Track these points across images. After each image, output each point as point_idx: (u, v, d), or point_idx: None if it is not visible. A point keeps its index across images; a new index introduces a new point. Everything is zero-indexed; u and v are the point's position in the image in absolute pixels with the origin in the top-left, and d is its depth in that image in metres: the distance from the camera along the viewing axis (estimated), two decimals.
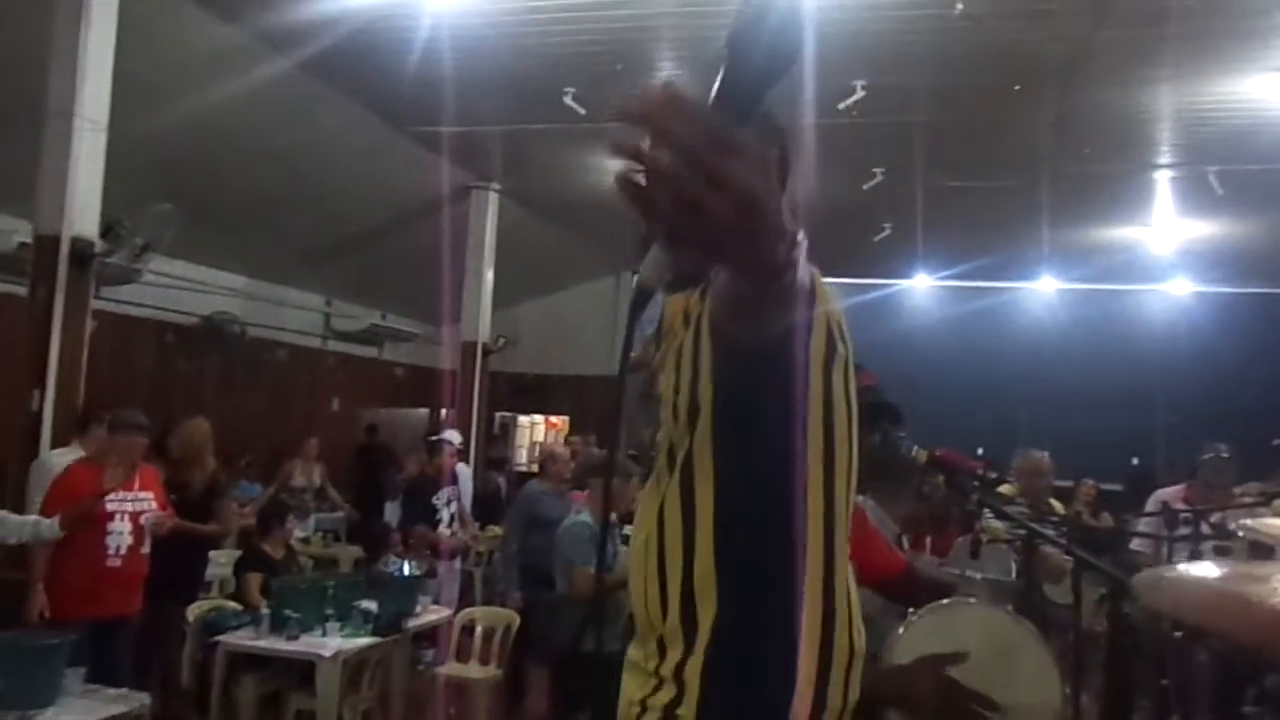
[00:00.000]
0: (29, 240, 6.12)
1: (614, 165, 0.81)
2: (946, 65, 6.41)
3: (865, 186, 8.57)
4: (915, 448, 2.24)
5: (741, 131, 0.83)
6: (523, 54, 6.75)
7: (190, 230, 7.27)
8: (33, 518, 4.41)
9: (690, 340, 1.29)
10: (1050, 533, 2.89)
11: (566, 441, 9.97)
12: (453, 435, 7.56)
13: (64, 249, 5.50)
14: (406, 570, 5.71)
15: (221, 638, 4.78)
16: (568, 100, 7.19)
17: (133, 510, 4.61)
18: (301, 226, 9.47)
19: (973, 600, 2.09)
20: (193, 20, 6.26)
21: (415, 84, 7.05)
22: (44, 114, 5.51)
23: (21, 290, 6.74)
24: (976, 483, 2.30)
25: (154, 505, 4.68)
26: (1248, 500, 4.49)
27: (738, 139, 0.81)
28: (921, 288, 13.03)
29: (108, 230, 5.75)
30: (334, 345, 11.71)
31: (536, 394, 13.52)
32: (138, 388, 8.31)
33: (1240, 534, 2.94)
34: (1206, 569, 1.86)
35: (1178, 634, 2.75)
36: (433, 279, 9.49)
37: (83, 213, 5.58)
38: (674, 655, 1.30)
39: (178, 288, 8.74)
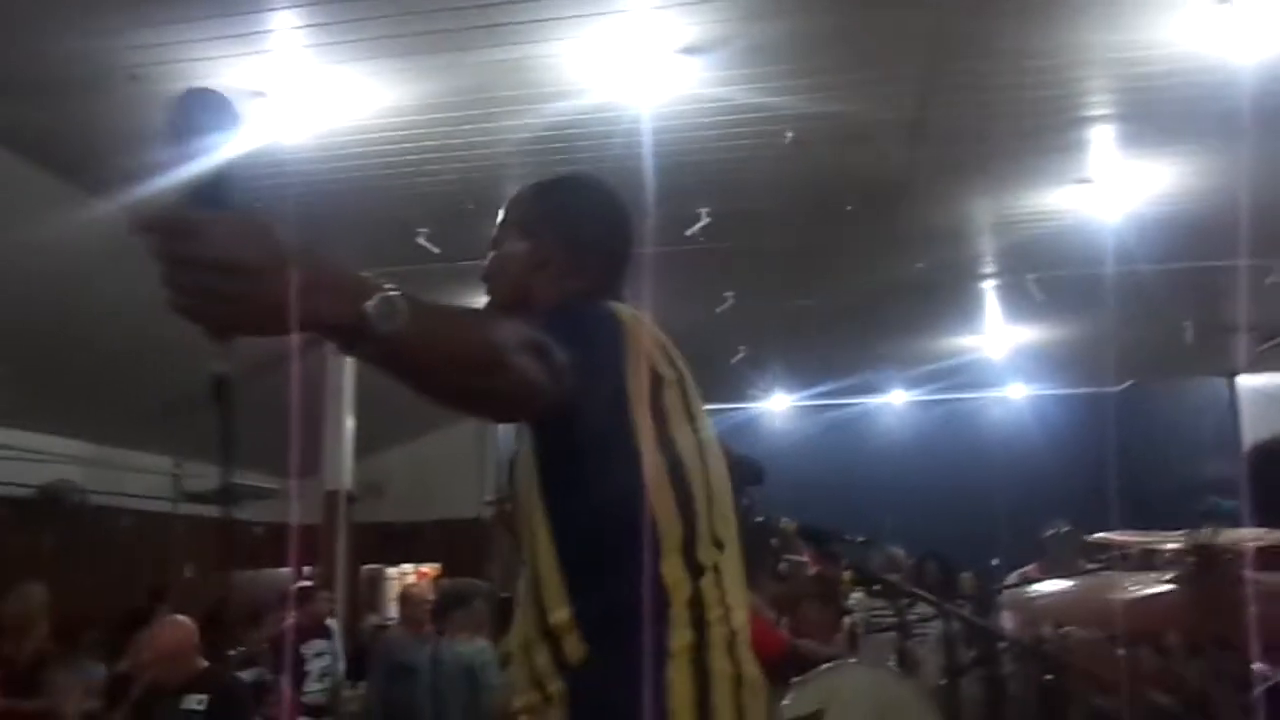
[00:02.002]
0: None
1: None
2: (783, 189, 6.81)
3: (718, 310, 8.87)
4: (781, 517, 2.26)
5: (212, 214, 0.93)
6: (372, 195, 6.82)
7: (25, 396, 6.89)
8: None
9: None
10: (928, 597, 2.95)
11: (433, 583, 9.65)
12: (294, 587, 7.25)
13: None
14: None
15: None
16: (421, 240, 7.27)
17: None
18: (143, 389, 9.09)
19: (854, 661, 2.10)
20: (29, 179, 6.12)
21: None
22: None
23: None
24: (851, 548, 2.33)
25: None
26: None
27: (193, 222, 0.92)
28: (779, 409, 13.40)
29: None
30: (184, 509, 11.10)
31: (405, 543, 13.09)
32: None
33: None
34: (1063, 583, 1.96)
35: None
36: (289, 430, 9.20)
37: None
38: (550, 687, 1.32)
39: (14, 459, 8.22)
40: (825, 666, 2.04)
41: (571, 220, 1.50)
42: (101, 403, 9.04)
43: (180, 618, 3.81)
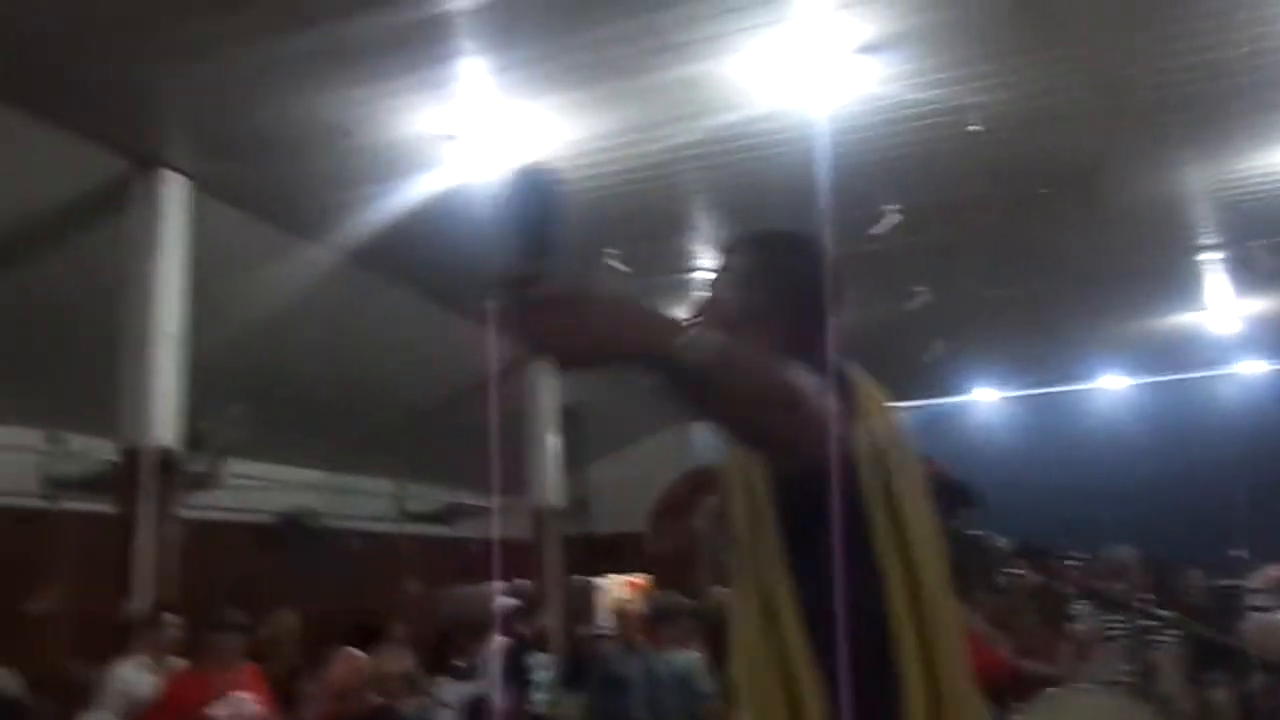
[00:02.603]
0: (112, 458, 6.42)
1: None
2: (972, 180, 6.58)
3: (909, 307, 8.65)
4: (997, 537, 2.20)
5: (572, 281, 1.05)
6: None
7: (268, 430, 7.53)
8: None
9: (745, 477, 1.40)
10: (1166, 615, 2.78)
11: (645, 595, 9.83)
12: (510, 601, 7.54)
13: (149, 460, 5.74)
14: None
15: None
16: (611, 261, 7.46)
17: (239, 714, 4.54)
18: (369, 415, 9.75)
19: (1084, 685, 2.02)
20: (256, 232, 6.70)
21: (459, 261, 7.39)
22: (123, 335, 5.85)
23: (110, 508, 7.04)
24: (1075, 568, 2.24)
25: (255, 707, 4.66)
26: None
27: (537, 274, 1.04)
28: (986, 401, 12.91)
29: (190, 438, 5.98)
30: (409, 528, 11.80)
31: (614, 555, 13.39)
32: (225, 588, 8.42)
33: None
34: None
35: None
36: (500, 452, 9.62)
37: (164, 424, 5.85)
38: None
39: (260, 488, 8.97)
40: (1051, 691, 1.96)
41: (786, 275, 1.54)
42: (331, 433, 9.75)
43: (355, 652, 3.84)
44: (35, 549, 7.93)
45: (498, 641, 7.84)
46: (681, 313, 1.65)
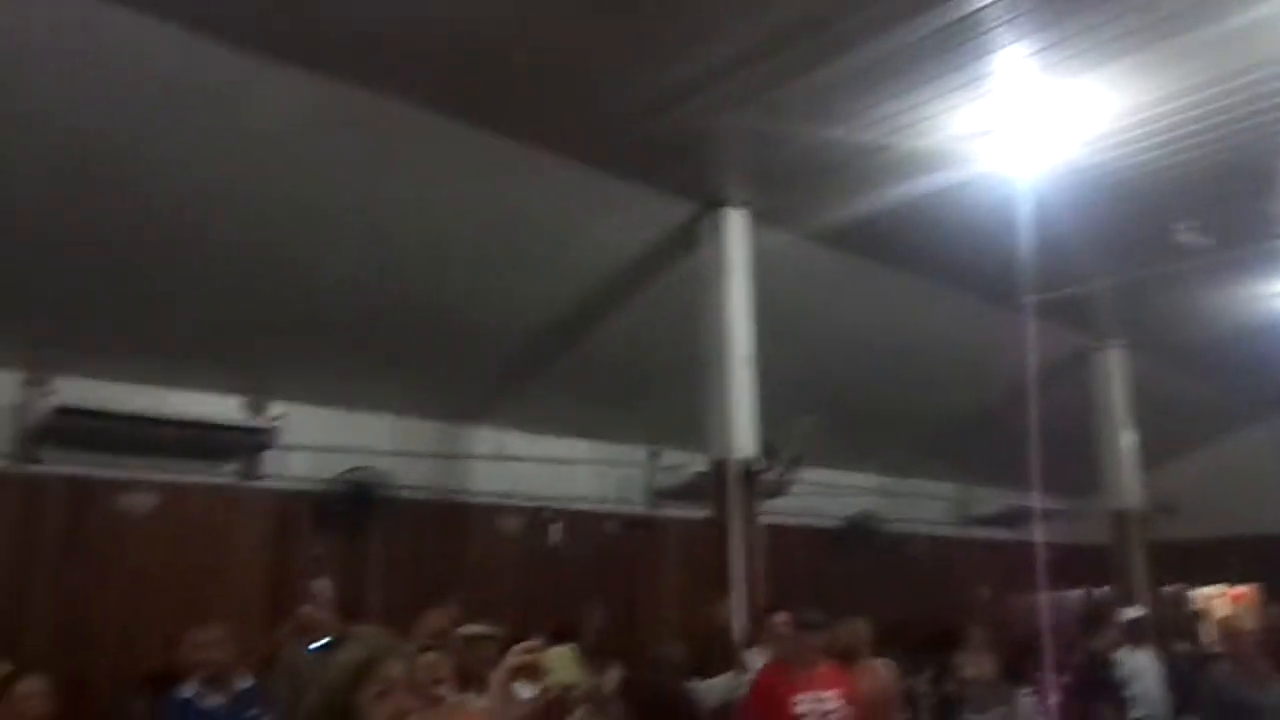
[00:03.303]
0: (703, 470, 7.19)
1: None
2: None
3: None
4: None
5: None
6: (1118, 202, 6.51)
7: (831, 439, 7.96)
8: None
9: None
10: None
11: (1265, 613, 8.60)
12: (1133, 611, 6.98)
13: (732, 471, 6.34)
14: None
15: None
16: (1183, 236, 6.71)
17: (819, 709, 4.77)
18: (926, 420, 9.80)
19: None
20: (810, 253, 7.10)
21: (1008, 254, 7.13)
22: (704, 360, 6.53)
23: (702, 514, 7.88)
24: None
25: (839, 705, 4.90)
26: None
27: None
28: None
29: (766, 450, 6.50)
30: (972, 532, 11.62)
31: (1207, 562, 11.92)
32: (800, 590, 8.97)
33: None
34: None
35: None
36: (1061, 451, 9.11)
37: (744, 438, 6.41)
38: None
39: (824, 494, 9.45)
40: None
41: None
42: (892, 439, 9.96)
43: (880, 662, 3.61)
44: (643, 549, 9.16)
45: (1087, 649, 7.39)
46: None
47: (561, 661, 1.47)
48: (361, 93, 5.05)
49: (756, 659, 5.51)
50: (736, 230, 6.62)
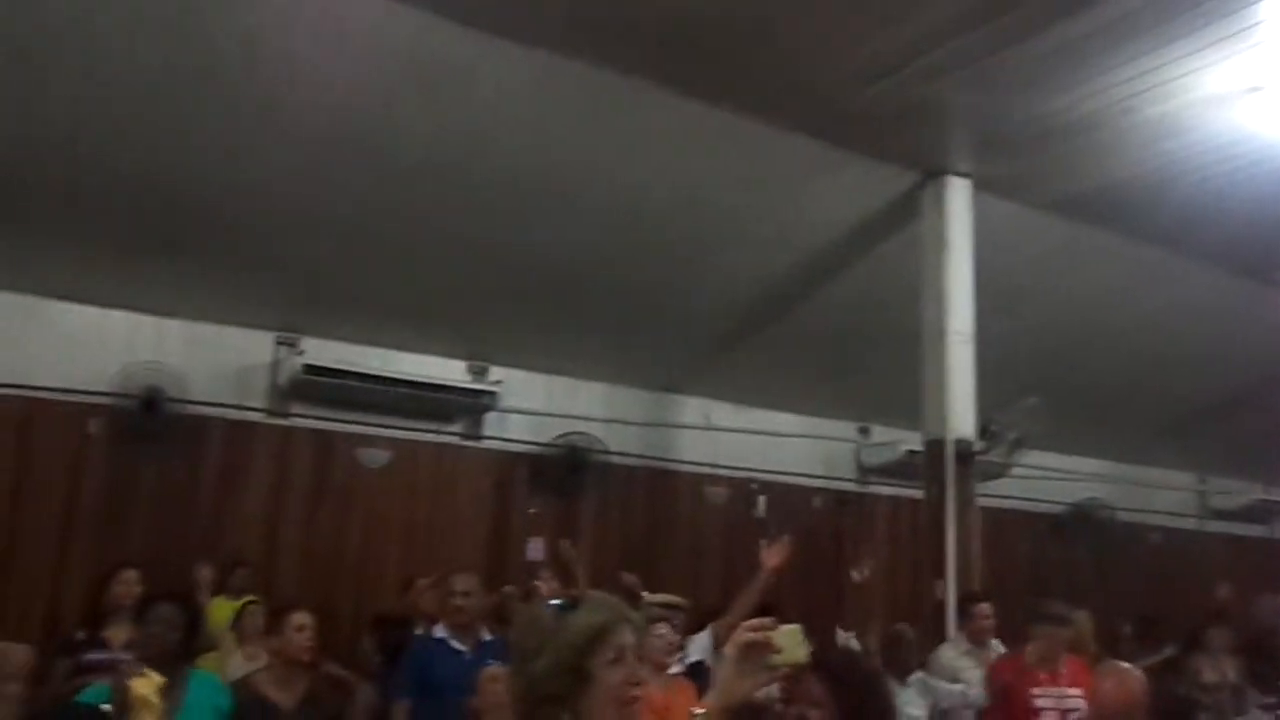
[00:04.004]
0: (915, 448, 6.97)
1: None
2: None
3: None
4: None
5: None
6: None
7: (1055, 421, 7.55)
8: (959, 686, 4.79)
9: None
10: None
11: None
12: None
13: (949, 451, 6.12)
14: None
15: None
16: None
17: (1060, 707, 4.57)
18: (1162, 403, 9.12)
19: None
20: (1037, 223, 6.72)
21: (1267, 229, 6.51)
22: (922, 335, 6.31)
23: (911, 493, 7.66)
24: None
25: (1083, 704, 4.63)
26: None
27: None
28: None
29: (984, 430, 6.23)
30: (1213, 526, 10.75)
31: None
32: (1015, 577, 8.59)
33: None
34: None
35: None
36: None
37: (961, 417, 6.17)
38: None
39: (1045, 477, 8.98)
40: None
41: None
42: (1123, 423, 9.33)
43: (1127, 667, 3.27)
44: (851, 526, 9.02)
45: None
46: None
47: (792, 640, 1.46)
48: (581, 67, 5.17)
49: (952, 648, 5.34)
50: (959, 200, 6.33)
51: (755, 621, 1.46)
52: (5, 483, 6.17)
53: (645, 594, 4.56)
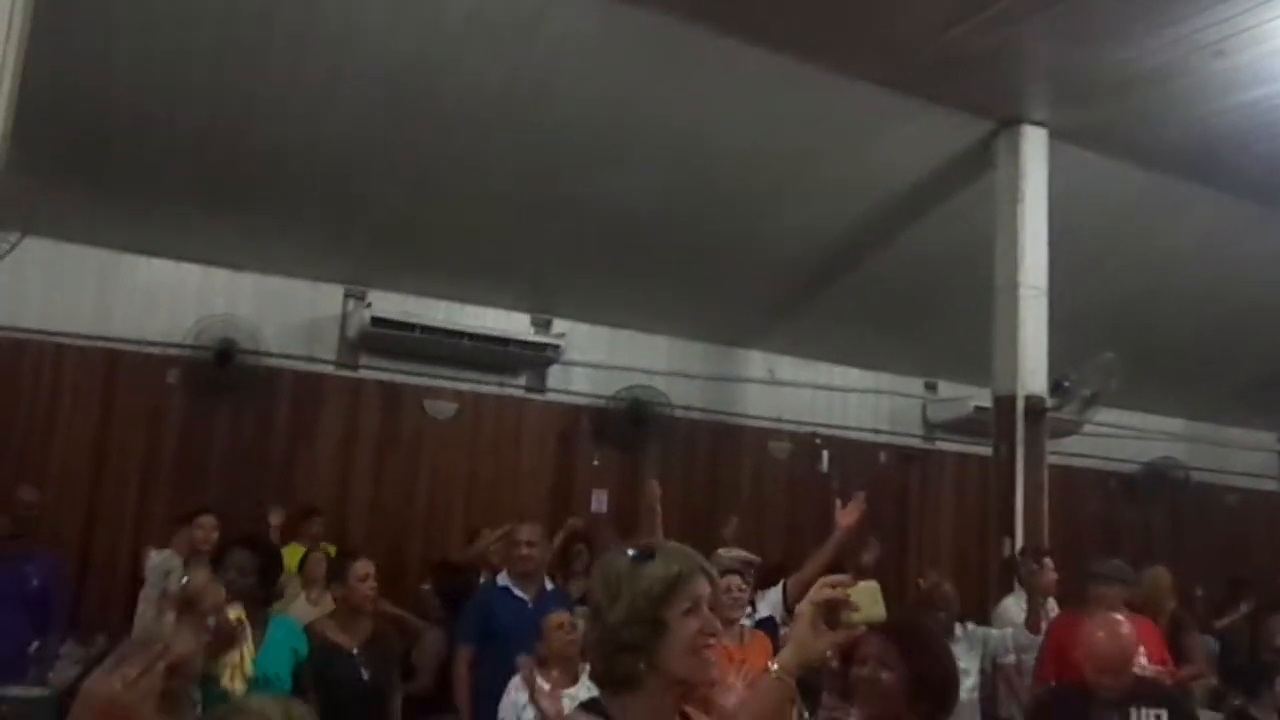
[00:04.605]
0: (982, 404, 6.85)
1: None
2: None
3: None
4: None
5: None
6: None
7: (1129, 378, 7.37)
8: (1009, 630, 4.78)
9: None
10: None
11: None
12: None
13: (1019, 407, 6.00)
14: None
15: None
16: None
17: None
18: (1241, 360, 8.83)
19: None
20: (1115, 174, 6.51)
21: None
22: (993, 289, 6.17)
23: (978, 449, 7.54)
24: None
25: (1144, 663, 4.55)
26: None
27: None
28: None
29: (1056, 386, 6.10)
30: None
31: None
32: (1086, 536, 8.45)
33: None
34: None
35: None
36: None
37: (1033, 373, 6.04)
38: None
39: (1117, 435, 8.78)
40: None
41: None
42: (1201, 380, 9.07)
43: (1120, 618, 3.17)
44: (917, 482, 8.93)
45: None
46: None
47: (869, 598, 1.45)
48: (646, 14, 5.10)
49: (1014, 602, 5.28)
50: (1034, 149, 6.16)
51: (834, 578, 1.44)
52: (90, 431, 6.38)
53: (720, 550, 4.55)
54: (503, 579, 4.61)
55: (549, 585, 4.61)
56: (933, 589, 4.93)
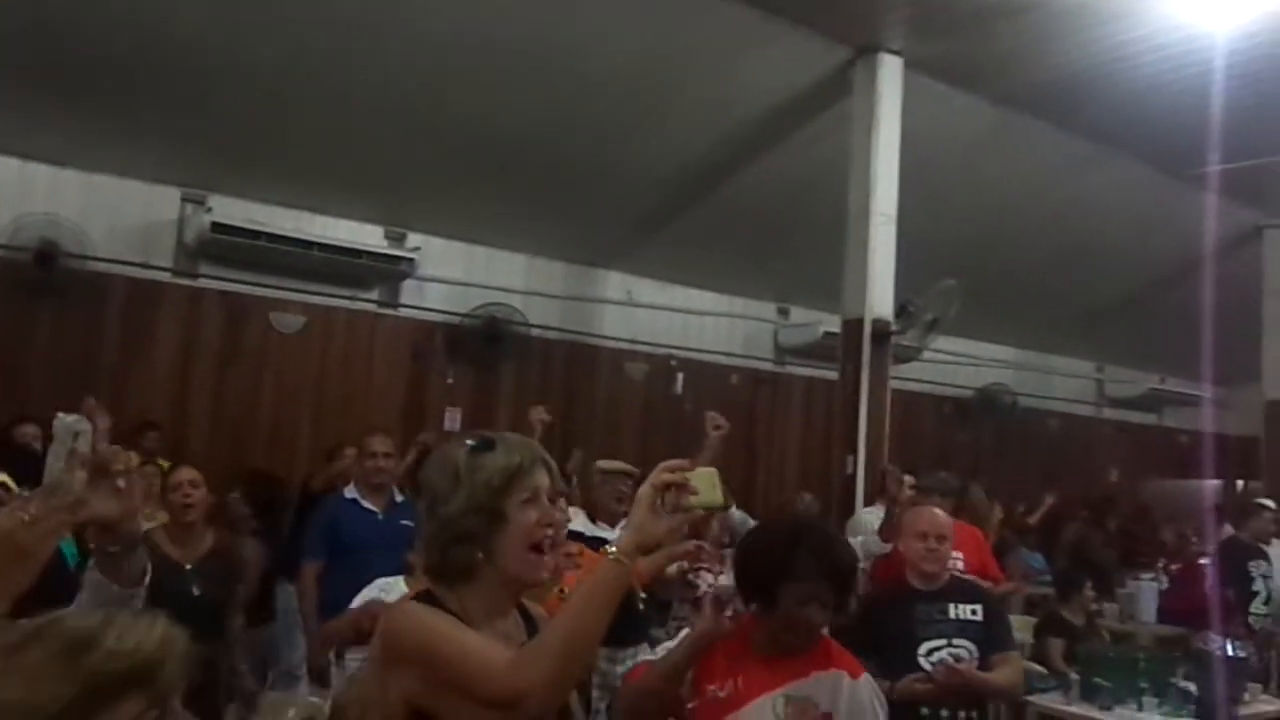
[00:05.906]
0: (832, 330, 7.05)
1: None
2: None
3: None
4: None
5: None
6: None
7: (965, 307, 7.71)
8: (860, 538, 5.02)
9: None
10: None
11: None
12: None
13: (866, 330, 6.21)
14: (1230, 650, 5.11)
15: (1030, 698, 4.79)
16: None
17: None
18: (1070, 293, 9.36)
19: None
20: (965, 107, 6.71)
21: (1190, 125, 6.58)
22: (846, 216, 6.31)
23: (826, 374, 7.79)
24: None
25: (962, 563, 4.87)
26: None
27: None
28: None
29: (900, 311, 6.32)
30: (1108, 413, 11.24)
31: None
32: (920, 457, 8.88)
33: None
34: None
35: None
36: (1219, 335, 8.61)
37: (880, 298, 6.24)
38: None
39: (953, 362, 9.22)
40: None
41: None
42: (1031, 312, 9.58)
43: (935, 510, 3.57)
44: (767, 404, 9.18)
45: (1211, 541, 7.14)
46: None
47: (708, 482, 1.46)
48: None
49: (873, 516, 5.53)
50: (890, 78, 6.27)
51: (672, 463, 1.44)
52: None
53: (600, 462, 4.56)
54: (350, 491, 4.51)
55: (398, 497, 4.54)
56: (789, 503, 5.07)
